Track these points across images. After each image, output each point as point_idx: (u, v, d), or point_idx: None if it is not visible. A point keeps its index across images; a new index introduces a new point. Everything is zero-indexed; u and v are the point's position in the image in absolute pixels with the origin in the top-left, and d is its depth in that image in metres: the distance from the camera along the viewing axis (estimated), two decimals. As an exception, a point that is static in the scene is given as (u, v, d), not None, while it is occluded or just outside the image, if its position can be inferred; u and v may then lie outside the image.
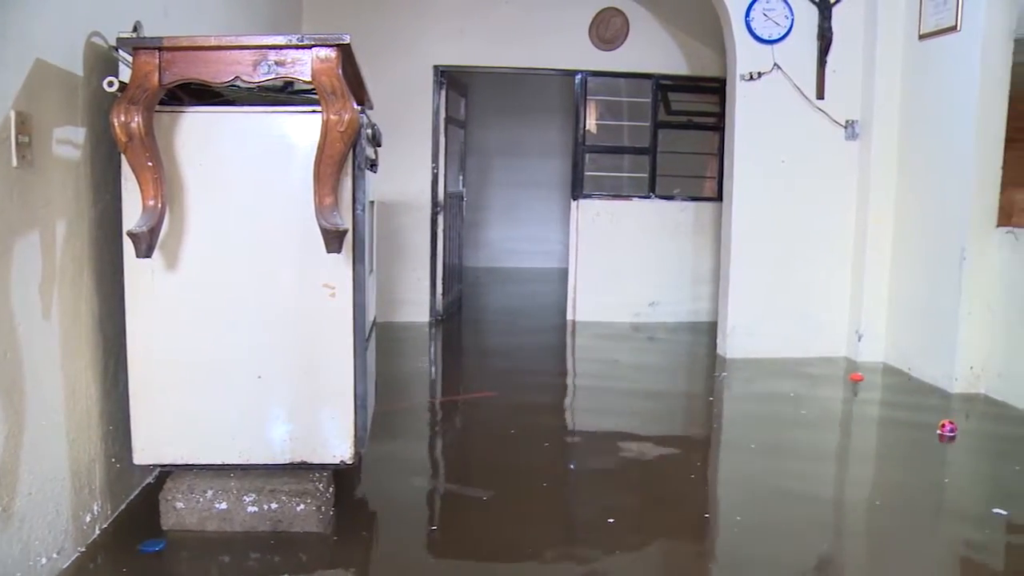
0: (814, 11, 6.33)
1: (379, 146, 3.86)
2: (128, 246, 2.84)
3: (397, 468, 4.02)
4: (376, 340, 4.25)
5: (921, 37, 5.95)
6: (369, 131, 3.32)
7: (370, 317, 3.63)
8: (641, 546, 3.26)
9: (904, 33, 6.14)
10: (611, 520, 3.43)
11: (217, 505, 3.13)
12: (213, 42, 2.77)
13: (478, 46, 7.55)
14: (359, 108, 2.88)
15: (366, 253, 3.22)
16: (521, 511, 3.53)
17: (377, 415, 4.12)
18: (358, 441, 3.20)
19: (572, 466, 4.27)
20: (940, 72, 5.77)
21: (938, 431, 4.70)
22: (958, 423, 4.79)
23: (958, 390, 5.51)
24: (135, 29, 3.08)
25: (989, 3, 5.34)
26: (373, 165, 3.70)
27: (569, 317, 7.95)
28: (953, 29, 5.61)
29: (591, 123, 8.05)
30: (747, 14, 6.28)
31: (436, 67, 7.53)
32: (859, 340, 6.37)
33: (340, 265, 3.05)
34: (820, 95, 6.36)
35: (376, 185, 4.06)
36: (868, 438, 5.05)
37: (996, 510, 3.66)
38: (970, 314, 5.48)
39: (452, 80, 7.84)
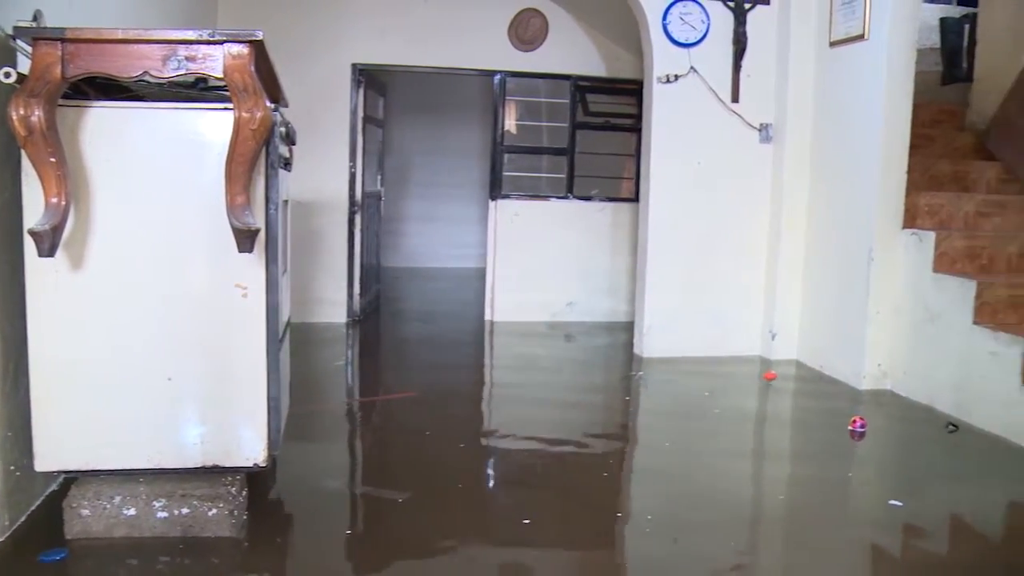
0: (729, 16, 6.43)
1: (293, 144, 3.80)
2: (30, 245, 2.74)
3: (313, 470, 3.97)
4: (291, 341, 4.19)
5: (832, 44, 6.10)
6: (283, 129, 3.27)
7: (284, 317, 3.58)
8: (556, 546, 3.27)
9: (816, 40, 6.28)
10: (526, 521, 3.43)
11: (125, 511, 3.05)
12: (120, 35, 2.70)
13: (397, 45, 7.49)
14: (272, 106, 2.84)
15: (279, 253, 3.17)
16: (437, 513, 3.51)
17: (293, 417, 4.05)
18: (272, 443, 3.15)
19: (490, 466, 4.26)
20: (849, 79, 5.92)
21: (849, 427, 4.83)
22: (867, 419, 4.92)
23: (866, 387, 5.66)
24: (35, 18, 2.97)
25: (894, 14, 5.51)
26: (287, 164, 3.64)
27: (487, 317, 7.94)
28: (861, 37, 5.76)
29: (510, 123, 8.06)
30: (664, 18, 6.35)
31: (354, 66, 7.45)
32: (772, 339, 6.49)
33: (252, 265, 3.00)
34: (735, 98, 6.46)
35: (292, 184, 4.00)
36: (781, 435, 5.15)
37: (892, 502, 3.82)
38: (877, 313, 5.64)
39: (371, 79, 7.77)
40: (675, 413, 5.26)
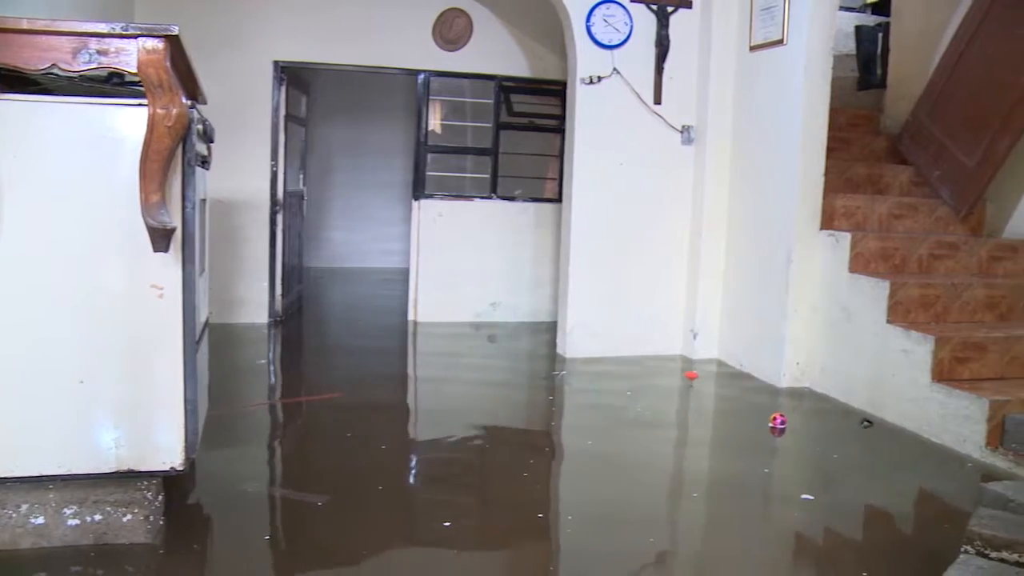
0: (652, 19, 6.49)
1: (212, 142, 3.72)
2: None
3: (232, 474, 3.88)
4: (211, 342, 4.11)
5: (752, 48, 6.20)
6: (200, 126, 3.20)
7: (202, 318, 3.50)
8: (477, 547, 3.27)
9: (737, 44, 6.38)
10: (447, 524, 3.41)
11: (33, 520, 2.95)
12: (25, 25, 2.61)
13: (320, 43, 7.39)
14: (189, 102, 2.77)
15: (197, 252, 3.10)
16: (357, 516, 3.47)
17: (213, 419, 3.97)
18: (189, 447, 3.07)
19: (412, 467, 4.23)
20: (769, 82, 6.02)
21: (770, 424, 4.91)
22: (787, 416, 5.02)
23: (786, 385, 5.77)
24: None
25: (812, 20, 5.63)
26: (205, 162, 3.56)
27: (411, 317, 7.90)
28: (780, 42, 5.87)
29: (434, 123, 8.02)
30: (588, 19, 6.38)
31: (276, 63, 7.34)
32: (694, 338, 6.58)
33: (168, 265, 2.92)
34: (657, 100, 6.53)
35: (211, 183, 3.92)
36: (703, 433, 5.22)
37: (804, 496, 3.91)
38: (796, 312, 5.75)
39: (293, 77, 7.67)
40: (597, 412, 5.29)
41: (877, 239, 5.61)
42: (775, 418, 4.95)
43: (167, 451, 3.03)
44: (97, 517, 2.99)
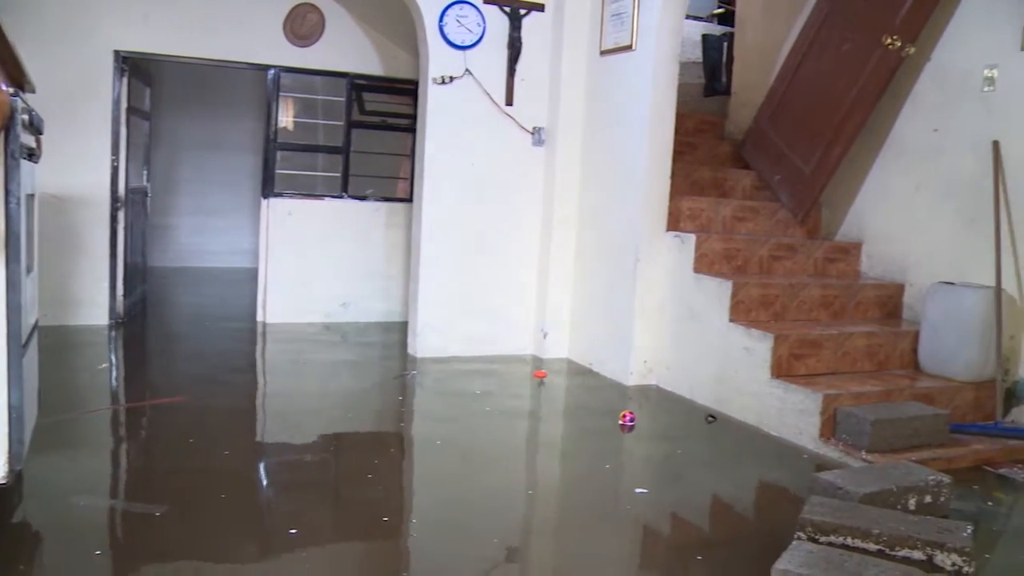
0: (505, 21, 6.52)
1: (40, 133, 3.51)
2: None
3: (63, 486, 3.64)
4: (44, 345, 3.88)
5: (602, 53, 6.31)
6: (26, 116, 3.01)
7: (30, 320, 3.30)
8: (321, 555, 3.17)
9: (587, 48, 6.47)
10: (293, 531, 3.31)
11: None
12: None
13: (164, 33, 7.10)
14: (12, 90, 2.61)
15: (23, 250, 2.92)
16: (197, 526, 3.32)
17: (43, 427, 3.76)
18: (14, 457, 2.89)
19: (256, 473, 4.10)
20: (618, 87, 6.14)
21: (619, 421, 4.99)
22: (636, 413, 5.11)
23: (634, 383, 5.88)
24: None
25: (659, 27, 5.76)
26: (32, 154, 3.35)
27: (260, 318, 7.68)
28: (629, 48, 5.99)
29: (285, 120, 7.84)
30: (441, 19, 6.35)
31: (117, 53, 7.01)
32: (545, 338, 6.63)
33: (-11, 259, 2.74)
34: (509, 102, 6.56)
35: (46, 177, 3.71)
36: (552, 432, 5.26)
37: (638, 490, 4.06)
38: (643, 312, 5.87)
39: (135, 68, 7.35)
40: (446, 412, 5.27)
41: (721, 240, 5.79)
42: (624, 415, 5.03)
43: (-14, 459, 2.84)
44: (-97, 527, 2.78)
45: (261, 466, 4.23)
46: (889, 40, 5.49)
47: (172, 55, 7.27)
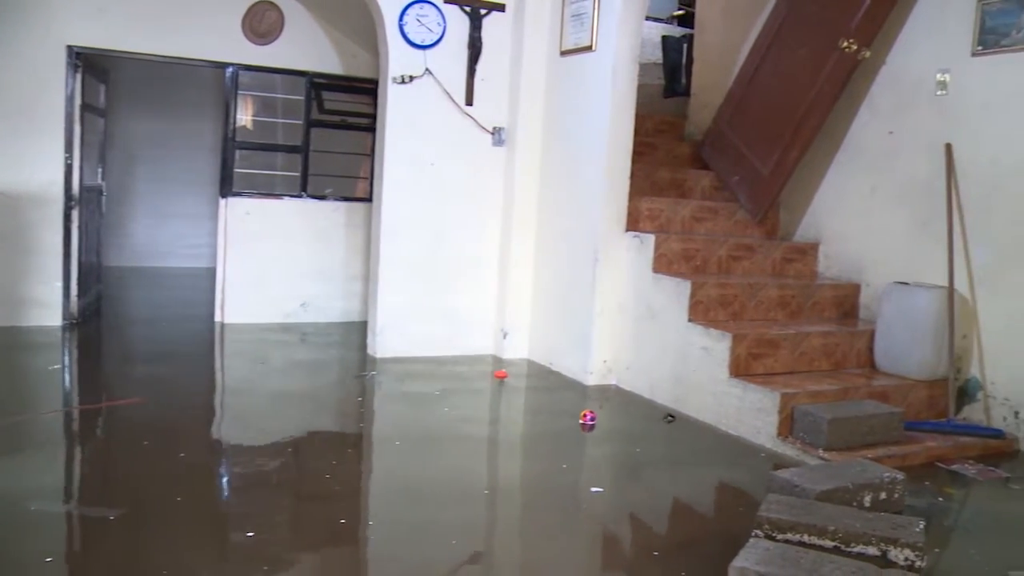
0: (466, 21, 6.51)
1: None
2: None
3: (14, 490, 3.58)
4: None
5: (562, 54, 6.32)
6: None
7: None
8: (279, 557, 3.14)
9: (548, 48, 6.48)
10: (250, 534, 3.29)
11: None
12: None
13: (120, 29, 6.99)
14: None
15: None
16: (153, 530, 3.27)
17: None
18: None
19: (214, 475, 4.06)
20: (578, 87, 6.16)
21: (580, 420, 5.00)
22: (596, 413, 5.13)
23: (593, 382, 5.90)
24: None
25: (620, 28, 5.79)
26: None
27: (218, 319, 7.60)
28: (589, 48, 6.01)
29: (244, 119, 7.77)
30: (401, 18, 6.33)
31: (71, 48, 6.89)
32: (505, 338, 6.63)
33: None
34: (469, 101, 6.55)
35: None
36: (512, 431, 5.27)
37: (594, 489, 4.10)
38: (602, 312, 5.89)
39: (90, 64, 7.23)
40: (406, 413, 5.26)
41: (680, 241, 5.82)
42: (585, 415, 5.05)
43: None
44: None
45: (218, 468, 4.19)
46: (845, 44, 5.55)
47: (128, 51, 7.16)
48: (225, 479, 4.04)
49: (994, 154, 5.12)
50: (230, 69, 7.49)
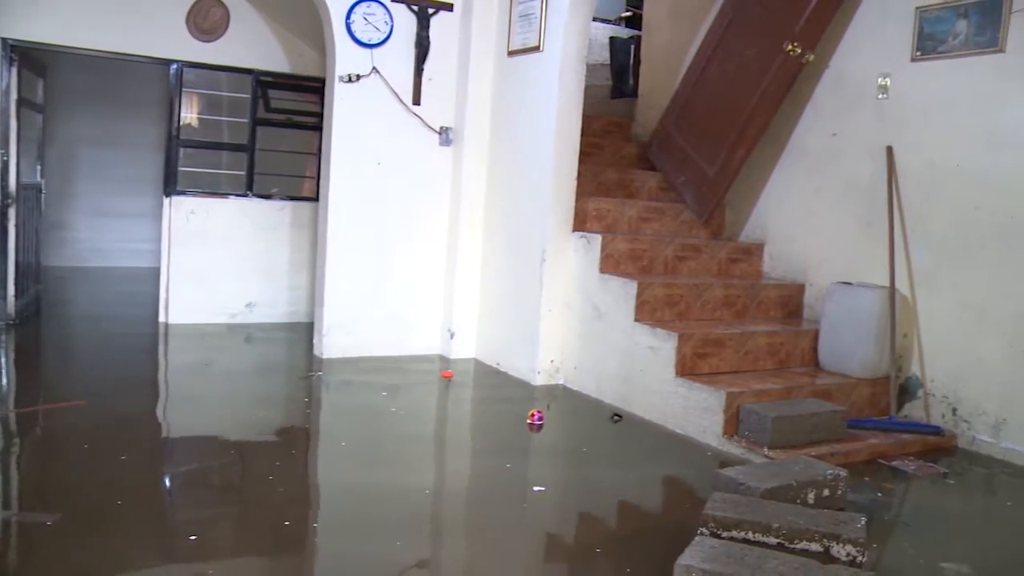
0: (413, 20, 6.48)
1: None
2: None
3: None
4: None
5: (510, 54, 6.32)
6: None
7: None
8: (221, 562, 3.10)
9: (496, 48, 6.48)
10: (193, 537, 3.23)
11: None
12: None
13: (59, 22, 6.84)
14: None
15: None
16: (92, 535, 3.21)
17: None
18: None
19: (156, 479, 3.99)
20: (526, 87, 6.16)
21: (528, 420, 5.01)
22: (544, 412, 5.14)
23: (540, 382, 5.90)
24: None
25: (567, 29, 5.80)
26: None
27: (162, 319, 7.48)
28: (537, 49, 6.02)
29: (189, 117, 7.65)
30: (348, 17, 6.28)
31: (5, 41, 6.72)
32: (452, 338, 6.61)
33: None
34: (416, 101, 6.52)
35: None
36: (459, 432, 5.26)
37: (536, 488, 4.10)
38: (550, 311, 5.90)
39: (27, 58, 7.07)
40: (352, 414, 5.23)
41: (626, 241, 5.85)
42: (532, 415, 5.05)
43: None
44: None
45: (160, 470, 4.12)
46: (790, 46, 5.62)
47: (67, 46, 7.02)
48: (167, 482, 3.97)
49: (932, 157, 5.23)
50: (174, 66, 7.38)
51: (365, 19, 6.35)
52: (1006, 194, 4.86)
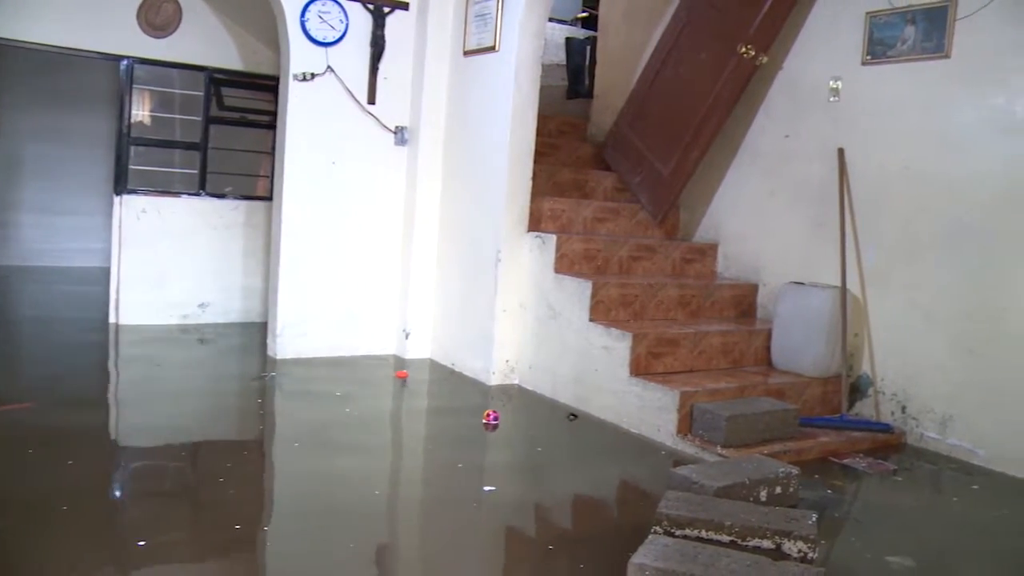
0: (369, 18, 6.45)
1: None
2: None
3: None
4: None
5: (466, 54, 6.32)
6: None
7: None
8: (170, 568, 3.07)
9: (451, 48, 6.47)
10: (141, 543, 3.18)
11: None
12: None
13: (4, 16, 6.66)
14: None
15: None
16: (36, 542, 3.13)
17: None
18: None
19: (104, 483, 3.92)
20: (481, 87, 6.16)
21: (483, 420, 5.00)
22: (499, 412, 5.14)
23: (496, 382, 5.91)
24: None
25: (522, 29, 5.82)
26: None
27: (112, 320, 7.36)
28: (492, 49, 6.02)
29: (140, 114, 7.54)
30: (302, 14, 6.23)
31: (-56, 35, 6.62)
32: (406, 338, 6.59)
33: None
34: (372, 100, 6.49)
35: None
36: (412, 433, 5.22)
37: (486, 487, 4.11)
38: (505, 311, 5.90)
39: (-29, 54, 6.95)
40: (306, 415, 5.17)
41: (581, 241, 5.87)
42: (488, 415, 5.04)
43: None
44: None
45: (109, 474, 4.04)
46: (744, 49, 5.67)
47: (12, 40, 6.87)
48: (116, 486, 3.91)
49: (881, 159, 5.31)
50: (125, 62, 7.27)
51: (320, 17, 6.30)
52: (952, 196, 4.95)
